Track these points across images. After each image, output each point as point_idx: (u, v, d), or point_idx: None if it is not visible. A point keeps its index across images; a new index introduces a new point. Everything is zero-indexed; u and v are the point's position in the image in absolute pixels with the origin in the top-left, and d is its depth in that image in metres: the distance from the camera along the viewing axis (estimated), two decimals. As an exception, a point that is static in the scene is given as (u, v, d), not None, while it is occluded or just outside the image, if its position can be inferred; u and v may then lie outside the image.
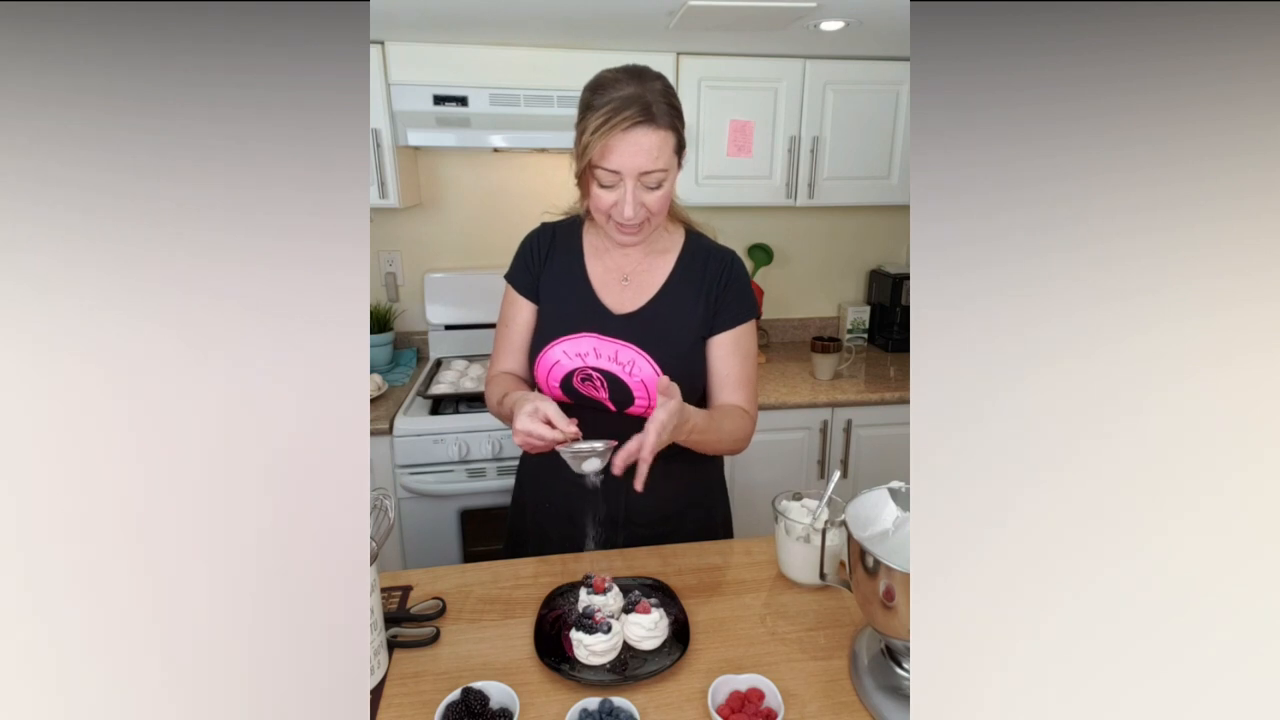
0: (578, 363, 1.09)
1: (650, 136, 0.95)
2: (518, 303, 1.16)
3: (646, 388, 1.08)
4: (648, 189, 0.98)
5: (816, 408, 2.02)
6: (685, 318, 1.12)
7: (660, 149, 0.96)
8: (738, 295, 1.14)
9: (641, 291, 1.12)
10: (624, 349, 1.09)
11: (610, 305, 1.11)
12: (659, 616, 0.87)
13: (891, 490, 0.88)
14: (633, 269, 1.13)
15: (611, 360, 1.08)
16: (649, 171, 0.96)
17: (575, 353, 1.09)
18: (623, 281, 1.13)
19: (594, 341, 1.09)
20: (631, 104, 0.93)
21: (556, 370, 1.10)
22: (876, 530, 0.86)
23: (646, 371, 1.08)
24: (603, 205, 1.00)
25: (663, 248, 1.15)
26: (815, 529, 0.97)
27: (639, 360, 1.08)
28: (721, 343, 1.13)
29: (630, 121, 0.93)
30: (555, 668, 0.83)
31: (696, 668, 0.85)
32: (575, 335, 1.09)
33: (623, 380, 1.08)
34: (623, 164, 0.95)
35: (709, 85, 1.98)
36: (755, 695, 0.77)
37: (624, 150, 0.94)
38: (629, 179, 0.96)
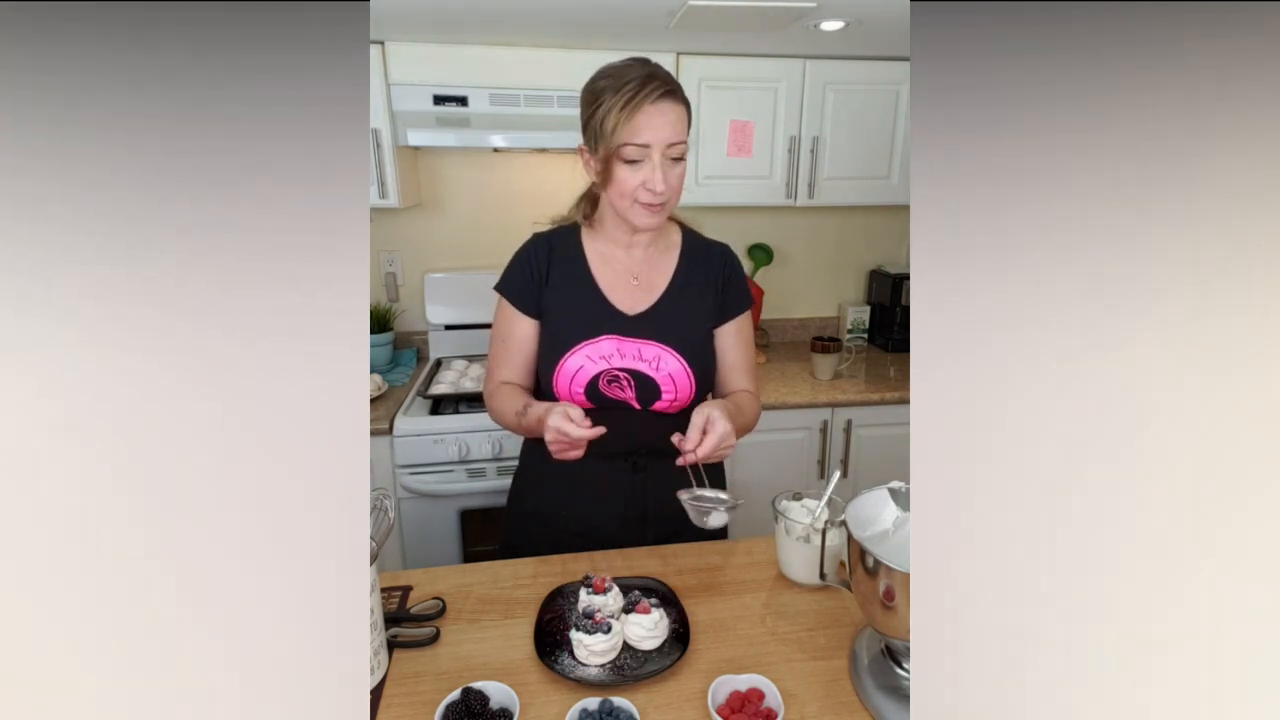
0: (602, 365, 1.09)
1: (676, 108, 0.99)
2: (516, 319, 1.14)
3: (674, 380, 1.11)
4: (672, 162, 1.00)
5: (816, 408, 2.02)
6: (697, 310, 1.15)
7: (682, 122, 1.00)
8: (739, 286, 1.19)
9: (651, 290, 1.14)
10: (647, 345, 1.10)
11: (623, 307, 1.12)
12: (659, 616, 0.87)
13: (891, 490, 0.88)
14: (640, 269, 1.14)
15: (636, 358, 1.10)
16: (674, 143, 0.99)
17: (599, 355, 1.09)
18: (632, 282, 1.14)
19: (615, 343, 1.10)
20: (653, 79, 0.97)
21: (581, 376, 1.09)
22: (876, 530, 0.86)
23: (672, 364, 1.10)
24: (628, 187, 1.00)
25: (665, 245, 1.17)
26: (815, 529, 0.97)
27: (664, 355, 1.10)
28: (728, 332, 1.18)
29: (658, 92, 0.96)
30: (555, 668, 0.83)
31: (696, 668, 0.85)
32: (595, 339, 1.10)
33: (650, 376, 1.10)
34: (654, 135, 0.97)
35: (709, 85, 1.98)
36: (755, 695, 0.77)
37: (653, 122, 0.97)
38: (657, 151, 0.98)
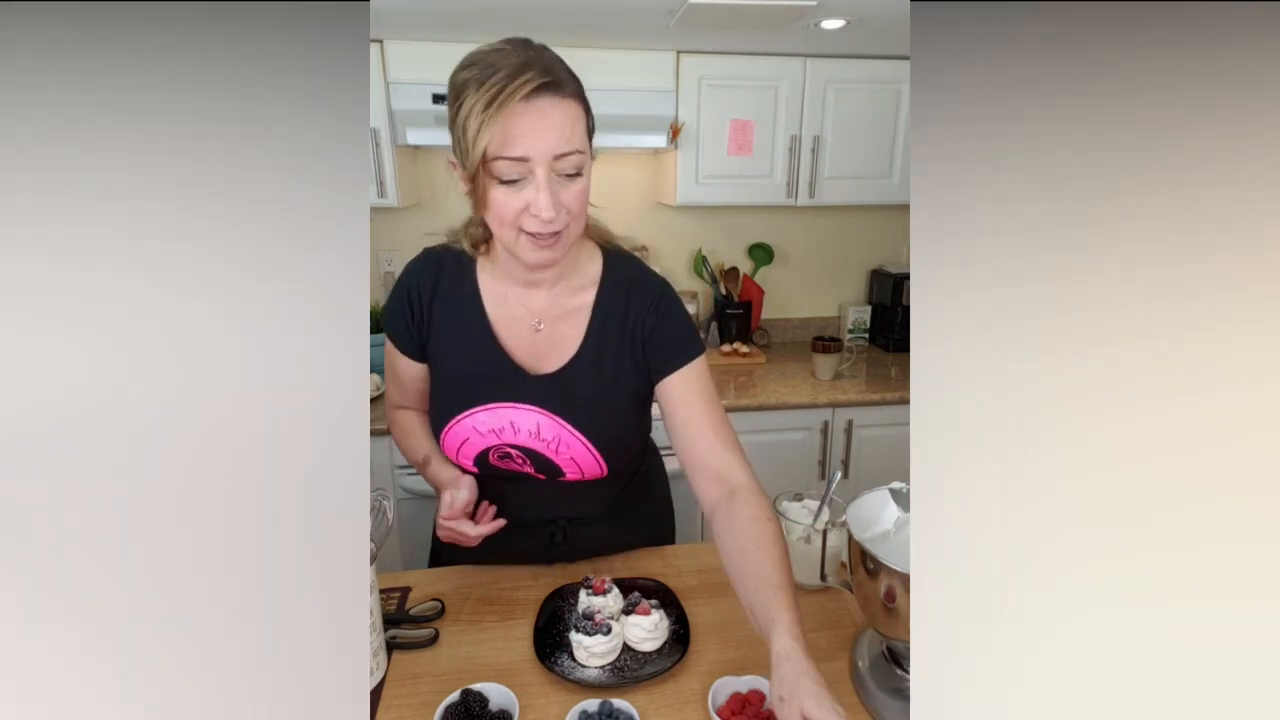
0: (492, 440, 0.92)
1: (559, 107, 0.73)
2: (399, 358, 0.97)
3: (577, 463, 0.93)
4: (565, 178, 0.76)
5: (817, 408, 2.02)
6: (613, 375, 0.92)
7: (573, 124, 0.74)
8: (670, 337, 0.91)
9: (560, 345, 0.92)
10: (546, 422, 0.90)
11: (525, 362, 0.91)
12: (659, 618, 0.87)
13: (893, 491, 0.88)
14: (544, 310, 0.91)
15: (533, 436, 0.91)
16: (564, 154, 0.74)
17: (489, 428, 0.91)
18: (535, 329, 0.91)
19: (510, 414, 0.90)
20: (528, 68, 0.71)
21: (468, 448, 0.93)
22: (878, 531, 0.86)
23: (574, 446, 0.91)
24: (508, 214, 0.76)
25: (578, 282, 0.92)
26: (816, 530, 0.96)
27: (564, 435, 0.91)
28: (671, 389, 0.91)
29: (530, 86, 0.70)
30: (555, 669, 0.82)
31: (697, 669, 0.84)
32: (488, 406, 0.90)
33: (548, 458, 0.93)
34: (531, 146, 0.72)
35: (709, 84, 1.98)
36: (756, 697, 0.77)
37: (529, 127, 0.71)
38: (540, 166, 0.73)
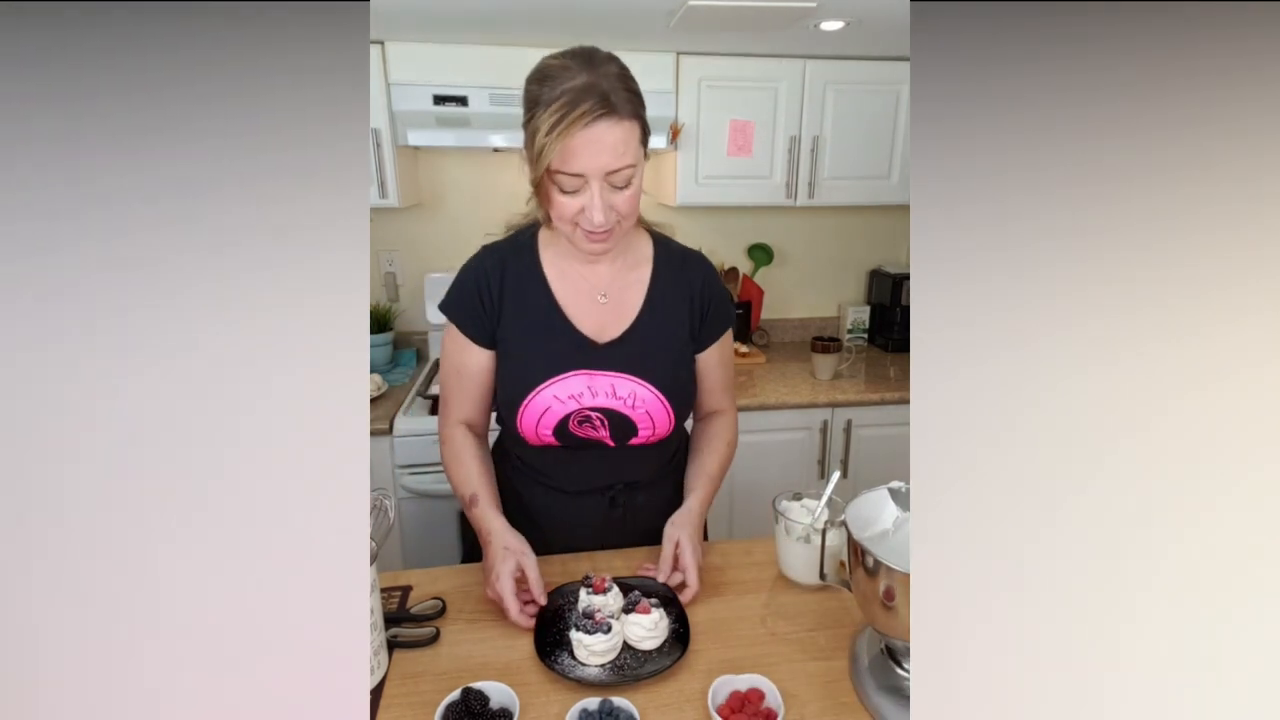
0: (572, 405, 1.00)
1: (613, 131, 0.83)
2: (468, 348, 1.03)
3: (651, 417, 1.02)
4: (615, 189, 0.87)
5: (816, 408, 2.02)
6: (674, 335, 1.04)
7: (626, 143, 0.85)
8: (720, 304, 1.08)
9: (622, 312, 1.02)
10: (620, 381, 1.00)
11: (591, 333, 1.01)
12: (659, 617, 0.87)
13: (892, 490, 0.88)
14: (607, 285, 1.02)
15: (610, 395, 1.00)
16: (616, 170, 0.85)
17: (568, 395, 0.99)
18: (599, 300, 1.02)
19: (586, 379, 0.99)
20: (587, 95, 0.81)
21: (549, 417, 1.00)
22: (877, 530, 0.86)
23: (649, 401, 1.01)
24: (567, 213, 0.88)
25: (634, 259, 1.04)
26: (815, 529, 0.97)
27: (639, 390, 1.00)
28: (710, 355, 1.08)
29: (590, 117, 0.81)
30: (555, 668, 0.82)
31: (696, 668, 0.84)
32: (563, 376, 0.99)
33: (625, 415, 1.01)
34: (586, 165, 0.84)
35: (709, 85, 1.98)
36: (755, 696, 0.77)
37: (586, 151, 0.83)
38: (594, 181, 0.85)
